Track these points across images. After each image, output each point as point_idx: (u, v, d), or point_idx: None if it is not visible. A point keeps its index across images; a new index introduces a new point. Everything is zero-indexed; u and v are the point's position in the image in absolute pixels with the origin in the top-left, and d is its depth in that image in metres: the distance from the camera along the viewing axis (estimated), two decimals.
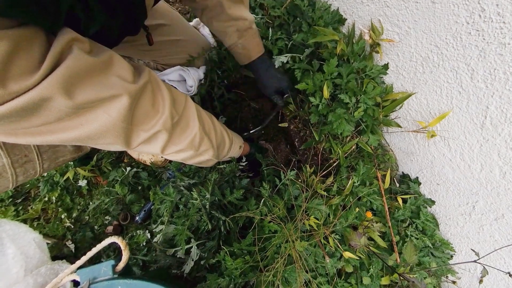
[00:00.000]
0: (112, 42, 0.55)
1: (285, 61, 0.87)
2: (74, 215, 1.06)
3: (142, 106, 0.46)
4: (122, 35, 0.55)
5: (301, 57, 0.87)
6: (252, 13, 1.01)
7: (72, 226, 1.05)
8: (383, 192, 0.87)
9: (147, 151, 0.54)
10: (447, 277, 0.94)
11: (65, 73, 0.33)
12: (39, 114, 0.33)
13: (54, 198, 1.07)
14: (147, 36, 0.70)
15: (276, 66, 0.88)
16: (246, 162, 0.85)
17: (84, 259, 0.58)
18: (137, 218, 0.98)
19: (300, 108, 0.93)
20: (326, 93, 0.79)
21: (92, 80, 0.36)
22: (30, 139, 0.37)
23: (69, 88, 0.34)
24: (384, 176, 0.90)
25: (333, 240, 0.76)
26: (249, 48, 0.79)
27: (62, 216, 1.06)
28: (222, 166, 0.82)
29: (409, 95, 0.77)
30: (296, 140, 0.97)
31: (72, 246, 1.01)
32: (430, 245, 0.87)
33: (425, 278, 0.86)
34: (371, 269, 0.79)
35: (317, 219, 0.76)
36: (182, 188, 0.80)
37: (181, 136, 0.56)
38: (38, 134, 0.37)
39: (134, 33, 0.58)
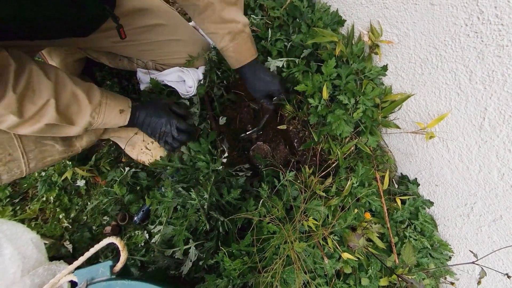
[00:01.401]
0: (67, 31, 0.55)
1: (280, 66, 0.87)
2: (72, 215, 1.06)
3: None
4: (76, 25, 0.54)
5: (296, 61, 0.87)
6: (251, 14, 1.01)
7: (70, 227, 1.04)
8: (381, 193, 0.87)
9: None
10: (445, 278, 0.94)
11: None
12: None
13: (52, 198, 1.07)
14: (117, 29, 0.67)
15: (271, 70, 0.87)
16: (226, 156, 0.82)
17: (82, 259, 0.57)
18: (135, 218, 0.98)
19: (299, 109, 0.94)
20: (325, 94, 0.79)
21: None
22: None
23: None
24: (383, 177, 0.90)
25: (332, 241, 0.76)
26: (241, 52, 0.77)
27: (60, 216, 1.05)
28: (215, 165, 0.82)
29: (408, 97, 0.77)
30: (295, 141, 0.97)
31: (70, 247, 1.00)
32: (429, 246, 0.87)
33: (423, 279, 0.86)
34: (370, 270, 0.79)
35: (316, 220, 0.76)
36: (180, 189, 0.80)
37: None
38: None
39: (92, 21, 0.56)
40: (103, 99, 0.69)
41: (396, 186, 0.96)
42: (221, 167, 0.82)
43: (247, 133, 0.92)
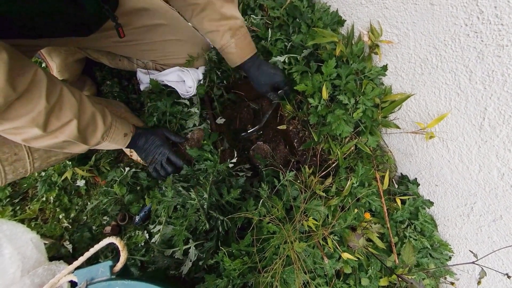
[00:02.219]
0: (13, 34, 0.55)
1: (282, 60, 0.87)
2: (72, 215, 1.06)
3: None
4: (77, 23, 0.55)
5: (298, 58, 0.87)
6: (251, 14, 1.01)
7: (70, 227, 1.04)
8: (381, 193, 0.87)
9: None
10: (445, 278, 0.94)
11: None
12: None
13: (52, 198, 1.07)
14: (116, 28, 0.68)
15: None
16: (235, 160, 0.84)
17: (81, 259, 0.57)
18: (137, 219, 0.98)
19: (299, 109, 0.94)
20: (325, 94, 0.79)
21: None
22: None
23: None
24: (382, 177, 0.90)
25: (332, 241, 0.76)
26: (242, 47, 0.79)
27: (60, 216, 1.05)
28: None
29: (408, 97, 0.77)
30: (295, 141, 0.97)
31: (69, 247, 1.00)
32: (429, 246, 0.87)
33: (423, 279, 0.86)
34: (370, 270, 0.79)
35: (316, 220, 0.76)
36: (180, 188, 0.80)
37: (19, 112, 0.52)
38: None
39: (90, 20, 0.58)
40: (113, 122, 0.73)
41: (396, 186, 0.96)
42: (226, 167, 0.82)
43: (249, 131, 0.92)
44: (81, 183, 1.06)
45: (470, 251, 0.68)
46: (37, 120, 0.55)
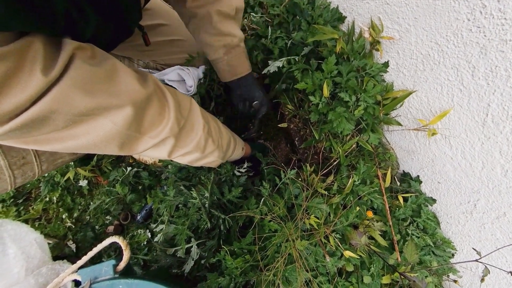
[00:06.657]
0: (108, 47, 0.55)
1: (280, 66, 0.86)
2: (75, 215, 1.07)
3: (149, 114, 0.45)
4: (116, 39, 0.55)
5: (296, 59, 0.86)
6: (251, 12, 1.01)
7: (73, 226, 1.05)
8: (383, 191, 0.87)
9: (153, 155, 0.54)
10: (448, 276, 0.93)
11: (69, 84, 0.33)
12: (47, 123, 0.35)
13: (55, 198, 1.08)
14: (143, 36, 0.69)
15: (272, 71, 0.86)
16: (251, 164, 0.85)
17: (85, 259, 0.58)
18: (138, 217, 0.98)
19: (300, 107, 0.93)
20: (326, 91, 0.79)
21: (94, 89, 0.37)
22: (38, 146, 0.38)
23: (72, 98, 0.34)
24: (384, 174, 0.89)
25: (334, 239, 0.76)
26: (235, 66, 0.77)
27: (63, 216, 1.06)
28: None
29: (410, 93, 0.76)
30: (296, 139, 0.96)
31: (73, 246, 1.01)
32: (431, 243, 0.87)
33: (426, 277, 0.86)
34: (372, 268, 0.79)
35: (318, 218, 0.76)
36: (182, 187, 0.80)
37: (187, 139, 0.55)
38: (46, 142, 0.38)
39: (126, 35, 0.57)
40: (236, 139, 0.78)
41: (398, 183, 0.96)
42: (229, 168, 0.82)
43: (244, 136, 0.93)
44: (83, 183, 1.07)
45: (473, 248, 0.68)
46: (199, 144, 0.57)
